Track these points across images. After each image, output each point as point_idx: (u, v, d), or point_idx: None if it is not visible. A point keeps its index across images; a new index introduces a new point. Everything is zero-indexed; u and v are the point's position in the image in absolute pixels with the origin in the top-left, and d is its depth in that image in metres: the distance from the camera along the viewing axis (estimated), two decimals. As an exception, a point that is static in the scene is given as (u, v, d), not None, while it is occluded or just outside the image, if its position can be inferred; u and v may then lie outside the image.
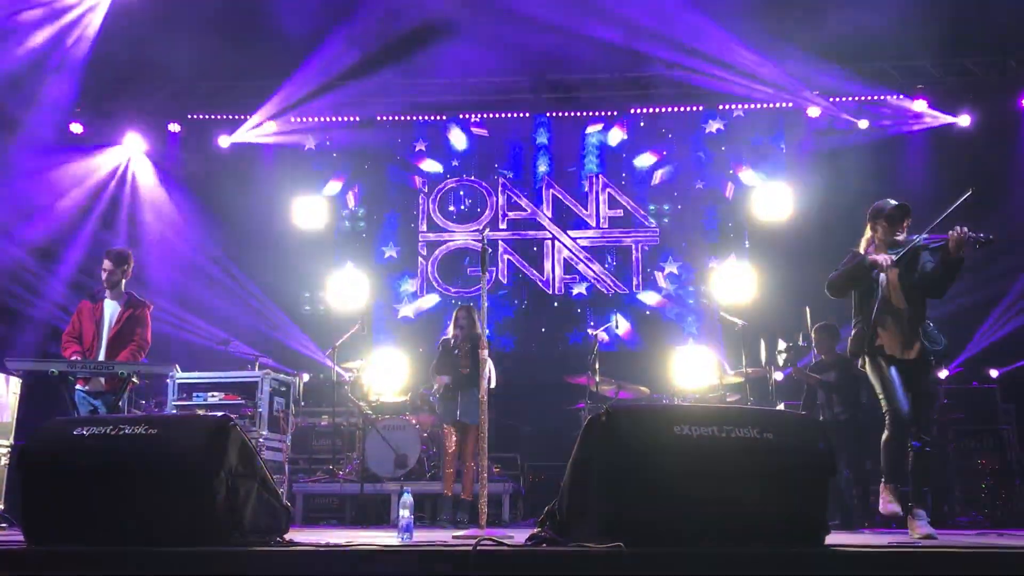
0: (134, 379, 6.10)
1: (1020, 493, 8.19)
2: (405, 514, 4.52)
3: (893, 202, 5.30)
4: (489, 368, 5.87)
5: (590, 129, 11.29)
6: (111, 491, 3.66)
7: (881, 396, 5.21)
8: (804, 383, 8.05)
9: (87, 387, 6.29)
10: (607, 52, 10.23)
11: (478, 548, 3.23)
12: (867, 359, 5.28)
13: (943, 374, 9.69)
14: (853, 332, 5.39)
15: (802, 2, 9.15)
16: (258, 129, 11.16)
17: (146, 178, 11.20)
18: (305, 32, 9.66)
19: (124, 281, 6.67)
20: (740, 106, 11.02)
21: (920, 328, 5.17)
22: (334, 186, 11.48)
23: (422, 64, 10.67)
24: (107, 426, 3.81)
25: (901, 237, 5.25)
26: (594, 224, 11.16)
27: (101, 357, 6.33)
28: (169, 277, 10.58)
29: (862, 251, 5.40)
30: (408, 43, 10.15)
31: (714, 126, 11.10)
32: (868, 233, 5.42)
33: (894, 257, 5.17)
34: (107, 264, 6.62)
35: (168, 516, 3.58)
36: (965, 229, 4.96)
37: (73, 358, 6.20)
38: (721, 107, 11.03)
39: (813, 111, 10.66)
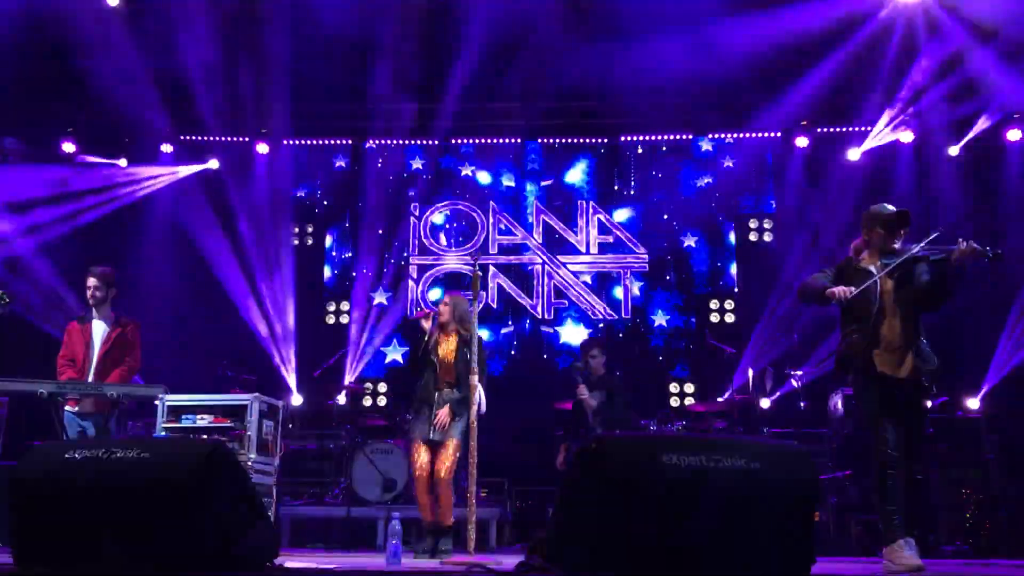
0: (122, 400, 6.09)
1: (1004, 523, 8.23)
2: (395, 541, 4.53)
3: (891, 208, 4.97)
4: (480, 395, 5.90)
5: (579, 162, 11.39)
6: (102, 515, 3.65)
7: (866, 428, 4.82)
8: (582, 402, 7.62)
9: (77, 408, 6.27)
10: (600, 80, 10.35)
11: (469, 574, 3.25)
12: (855, 376, 4.91)
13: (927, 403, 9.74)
14: (843, 344, 5.00)
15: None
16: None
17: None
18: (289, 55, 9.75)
19: (111, 300, 6.66)
20: (730, 135, 11.12)
21: (914, 345, 4.81)
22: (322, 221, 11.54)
23: (413, 89, 10.76)
24: (99, 449, 3.81)
25: (897, 245, 4.91)
26: (584, 250, 11.21)
27: (91, 378, 6.32)
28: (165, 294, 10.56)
29: (853, 256, 5.08)
30: (399, 68, 10.23)
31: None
32: (862, 239, 5.07)
33: (854, 291, 4.78)
34: (93, 281, 6.55)
35: (159, 540, 3.57)
36: (973, 243, 4.66)
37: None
38: (712, 135, 11.12)
39: (801, 141, 10.75)
